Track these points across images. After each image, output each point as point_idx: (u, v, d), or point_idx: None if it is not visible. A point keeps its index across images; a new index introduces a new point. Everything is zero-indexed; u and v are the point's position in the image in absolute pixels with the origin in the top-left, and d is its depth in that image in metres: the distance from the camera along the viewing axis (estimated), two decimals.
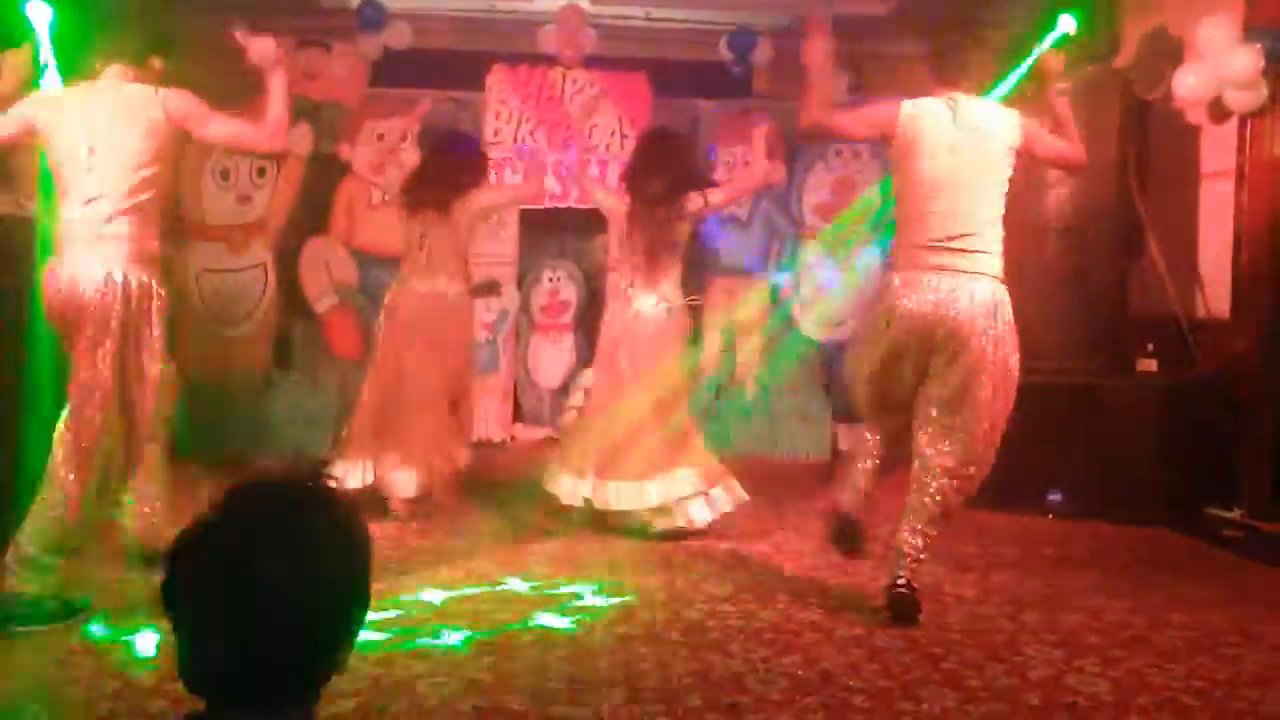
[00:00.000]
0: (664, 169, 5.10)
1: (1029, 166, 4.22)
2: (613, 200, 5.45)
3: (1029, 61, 4.29)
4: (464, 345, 5.58)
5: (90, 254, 3.61)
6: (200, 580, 1.28)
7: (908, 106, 3.94)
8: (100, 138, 3.64)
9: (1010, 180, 3.93)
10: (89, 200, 3.63)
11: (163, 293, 3.73)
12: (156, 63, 3.84)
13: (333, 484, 1.42)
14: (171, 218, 7.20)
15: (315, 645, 1.31)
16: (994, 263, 3.86)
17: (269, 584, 1.26)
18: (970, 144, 3.86)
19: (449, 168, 5.40)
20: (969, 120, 3.90)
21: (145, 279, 3.66)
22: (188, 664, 1.30)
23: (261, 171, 7.35)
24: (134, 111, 3.70)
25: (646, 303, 5.14)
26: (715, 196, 5.24)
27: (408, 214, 5.42)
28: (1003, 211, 3.91)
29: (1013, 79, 4.34)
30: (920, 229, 3.85)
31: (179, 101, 3.76)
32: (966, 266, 3.79)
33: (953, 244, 3.79)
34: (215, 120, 3.85)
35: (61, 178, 3.71)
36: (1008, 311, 3.84)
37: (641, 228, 5.12)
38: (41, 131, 3.73)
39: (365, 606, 1.38)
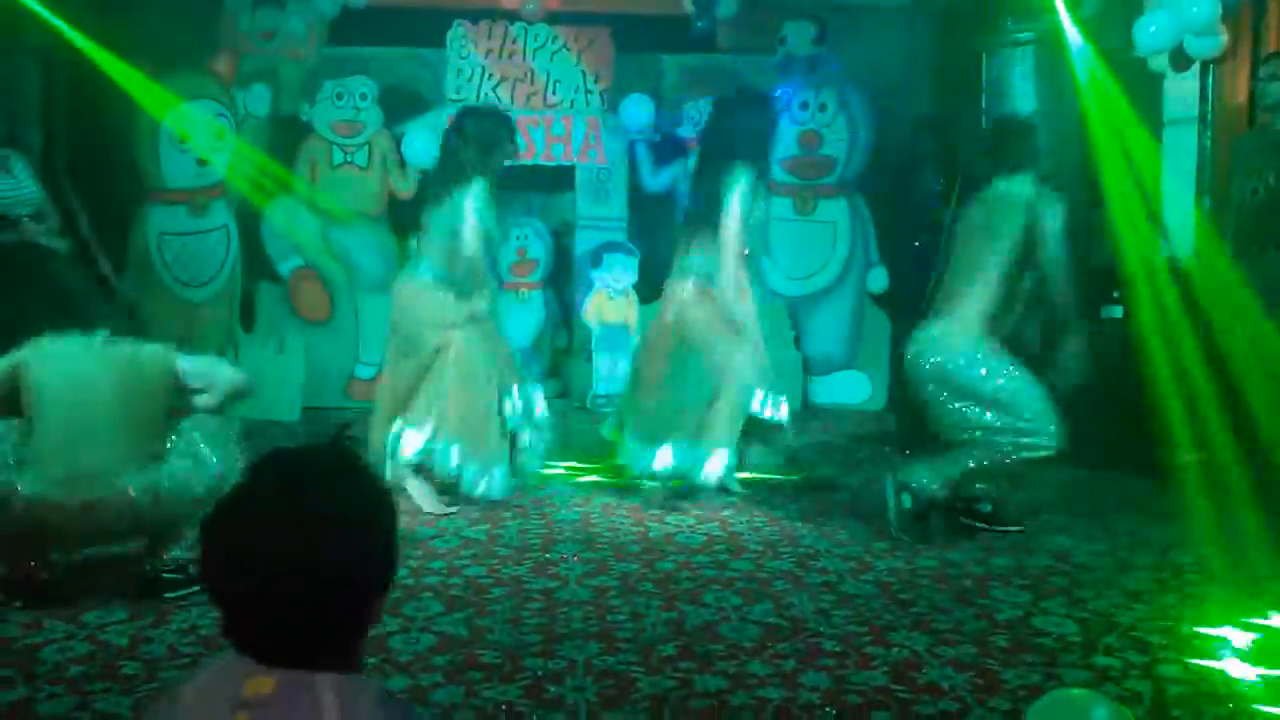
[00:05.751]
0: None
1: None
2: None
3: None
4: None
5: None
6: (231, 550, 1.32)
7: None
8: None
9: None
10: None
11: None
12: None
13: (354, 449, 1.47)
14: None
15: (347, 605, 1.35)
16: None
17: (298, 549, 1.30)
18: None
19: None
20: None
21: None
22: (230, 632, 1.34)
23: (220, 133, 7.20)
24: None
25: None
26: None
27: None
28: None
29: None
30: None
31: None
32: None
33: None
34: None
35: None
36: None
37: None
38: None
39: (392, 566, 1.42)
